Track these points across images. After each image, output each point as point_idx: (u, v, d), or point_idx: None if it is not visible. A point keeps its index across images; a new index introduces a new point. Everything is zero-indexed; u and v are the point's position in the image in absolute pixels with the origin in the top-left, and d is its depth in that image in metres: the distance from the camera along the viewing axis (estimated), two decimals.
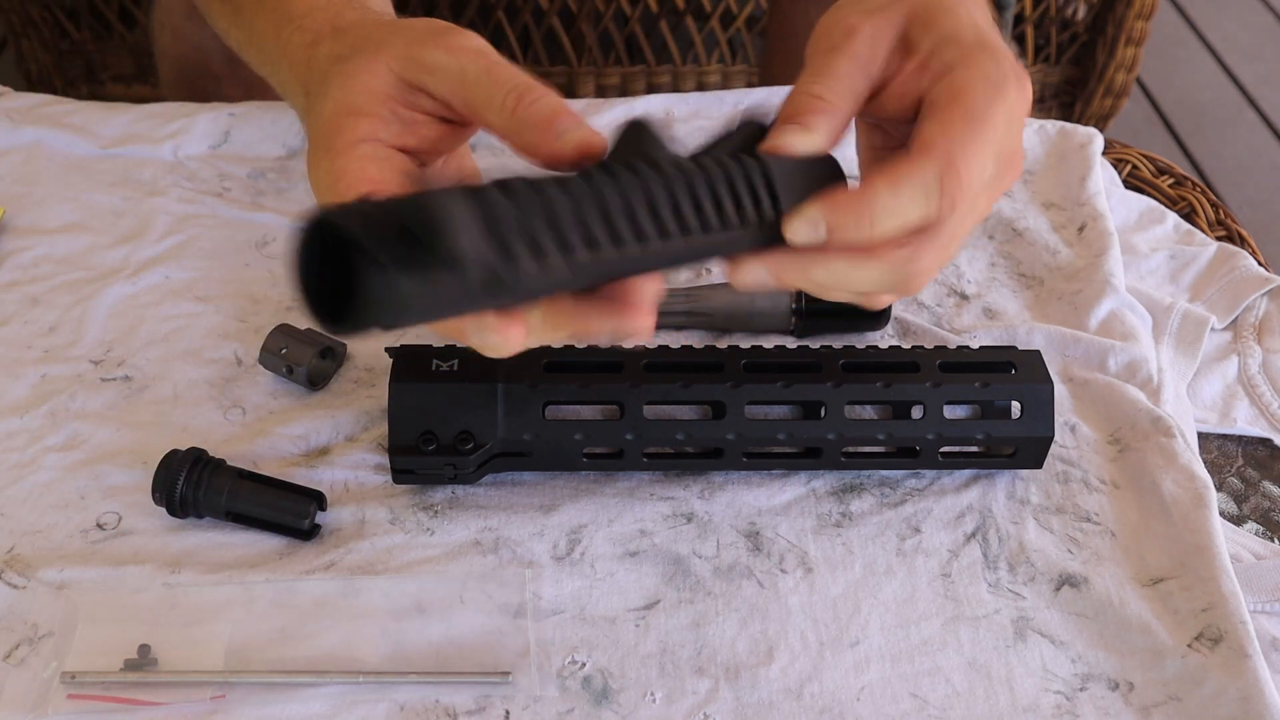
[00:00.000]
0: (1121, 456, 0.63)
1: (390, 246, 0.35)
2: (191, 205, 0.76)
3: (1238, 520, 0.63)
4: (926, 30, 0.48)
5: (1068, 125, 0.82)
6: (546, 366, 0.59)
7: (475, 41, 0.48)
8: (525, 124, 0.45)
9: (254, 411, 0.65)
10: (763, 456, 0.61)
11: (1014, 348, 0.63)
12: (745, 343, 0.67)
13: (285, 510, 0.58)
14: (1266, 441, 0.67)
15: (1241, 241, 0.77)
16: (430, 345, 0.60)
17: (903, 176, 0.45)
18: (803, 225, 0.45)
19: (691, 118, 0.83)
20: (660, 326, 0.69)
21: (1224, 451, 0.67)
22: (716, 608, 0.57)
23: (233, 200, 0.76)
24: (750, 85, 1.23)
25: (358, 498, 0.60)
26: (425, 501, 0.60)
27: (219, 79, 0.93)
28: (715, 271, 0.72)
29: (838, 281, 0.48)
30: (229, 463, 0.59)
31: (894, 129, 0.52)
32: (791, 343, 0.68)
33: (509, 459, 0.60)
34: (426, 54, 0.47)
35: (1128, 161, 0.84)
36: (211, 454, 0.59)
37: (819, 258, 0.46)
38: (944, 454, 0.61)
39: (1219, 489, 0.64)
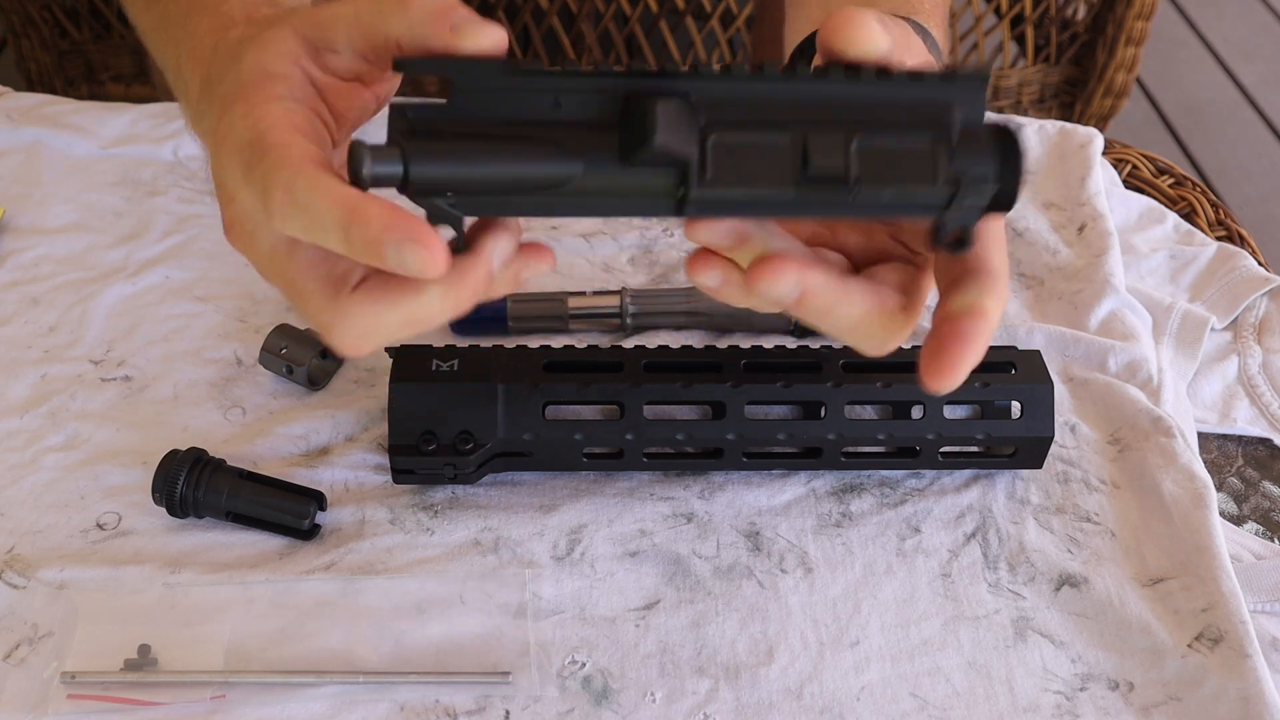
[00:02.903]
0: (1121, 456, 0.63)
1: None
2: (191, 205, 0.76)
3: (1238, 520, 0.63)
4: None
5: (1068, 125, 0.82)
6: (546, 366, 0.59)
7: None
8: (418, 21, 0.43)
9: (254, 411, 0.65)
10: (763, 456, 0.61)
11: (1014, 348, 0.63)
12: (745, 343, 0.67)
13: (285, 510, 0.58)
14: (1266, 441, 0.67)
15: (1241, 241, 0.77)
16: (430, 345, 0.60)
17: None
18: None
19: None
20: (660, 326, 0.69)
21: (1224, 451, 0.67)
22: (716, 608, 0.57)
23: None
24: None
25: (358, 498, 0.60)
26: (425, 501, 0.60)
27: None
28: None
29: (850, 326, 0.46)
30: (229, 463, 0.59)
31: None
32: (791, 342, 0.68)
33: (509, 459, 0.60)
34: (327, 11, 0.46)
35: (1128, 161, 0.84)
36: (211, 454, 0.59)
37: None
38: (944, 454, 0.61)
39: (1219, 489, 0.64)
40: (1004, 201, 0.43)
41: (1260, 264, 0.74)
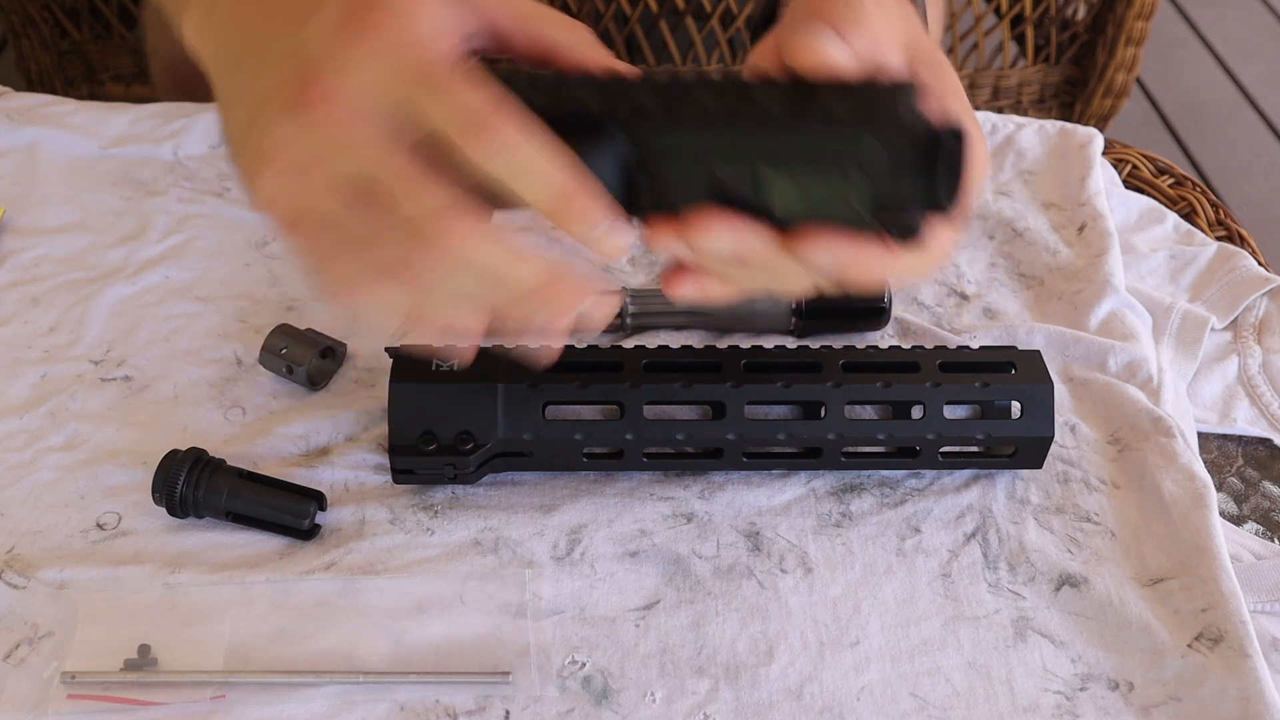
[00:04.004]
0: (1121, 456, 0.63)
1: None
2: (191, 205, 0.76)
3: (1238, 520, 0.63)
4: None
5: (1068, 125, 0.82)
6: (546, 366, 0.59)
7: None
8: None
9: (254, 411, 0.65)
10: (763, 456, 0.61)
11: (1014, 348, 0.63)
12: (745, 343, 0.67)
13: (285, 510, 0.58)
14: (1266, 441, 0.67)
15: (1241, 241, 0.77)
16: (430, 346, 0.60)
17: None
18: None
19: None
20: (660, 326, 0.69)
21: (1224, 451, 0.67)
22: (716, 608, 0.57)
23: (233, 200, 0.76)
24: None
25: (358, 498, 0.60)
26: (425, 501, 0.60)
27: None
28: None
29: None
30: (229, 463, 0.59)
31: None
32: (791, 343, 0.68)
33: (509, 459, 0.60)
34: None
35: (1128, 161, 0.84)
36: (211, 454, 0.59)
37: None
38: (944, 454, 0.61)
39: (1219, 489, 0.64)
40: (943, 207, 0.41)
41: (1260, 264, 0.74)
